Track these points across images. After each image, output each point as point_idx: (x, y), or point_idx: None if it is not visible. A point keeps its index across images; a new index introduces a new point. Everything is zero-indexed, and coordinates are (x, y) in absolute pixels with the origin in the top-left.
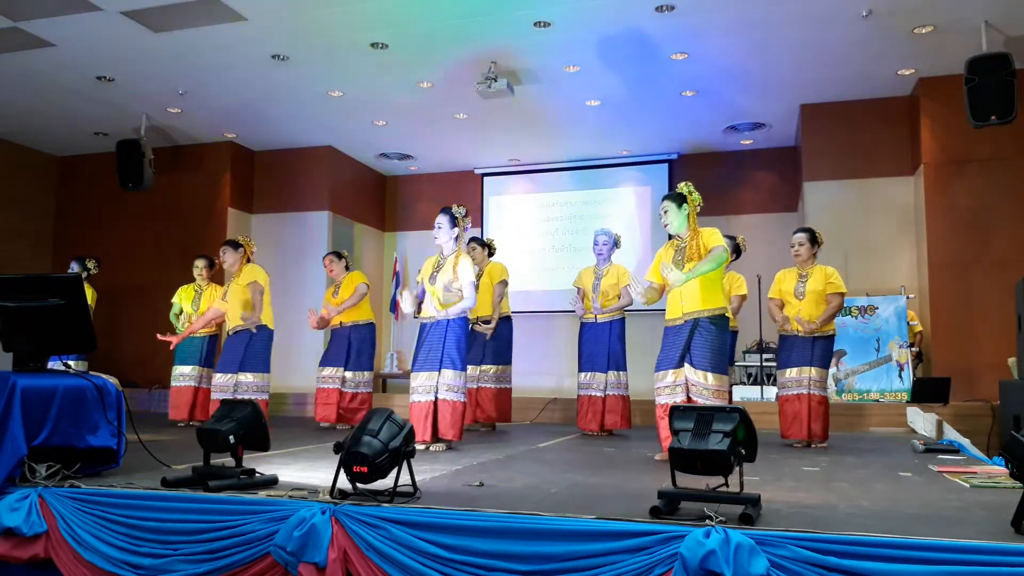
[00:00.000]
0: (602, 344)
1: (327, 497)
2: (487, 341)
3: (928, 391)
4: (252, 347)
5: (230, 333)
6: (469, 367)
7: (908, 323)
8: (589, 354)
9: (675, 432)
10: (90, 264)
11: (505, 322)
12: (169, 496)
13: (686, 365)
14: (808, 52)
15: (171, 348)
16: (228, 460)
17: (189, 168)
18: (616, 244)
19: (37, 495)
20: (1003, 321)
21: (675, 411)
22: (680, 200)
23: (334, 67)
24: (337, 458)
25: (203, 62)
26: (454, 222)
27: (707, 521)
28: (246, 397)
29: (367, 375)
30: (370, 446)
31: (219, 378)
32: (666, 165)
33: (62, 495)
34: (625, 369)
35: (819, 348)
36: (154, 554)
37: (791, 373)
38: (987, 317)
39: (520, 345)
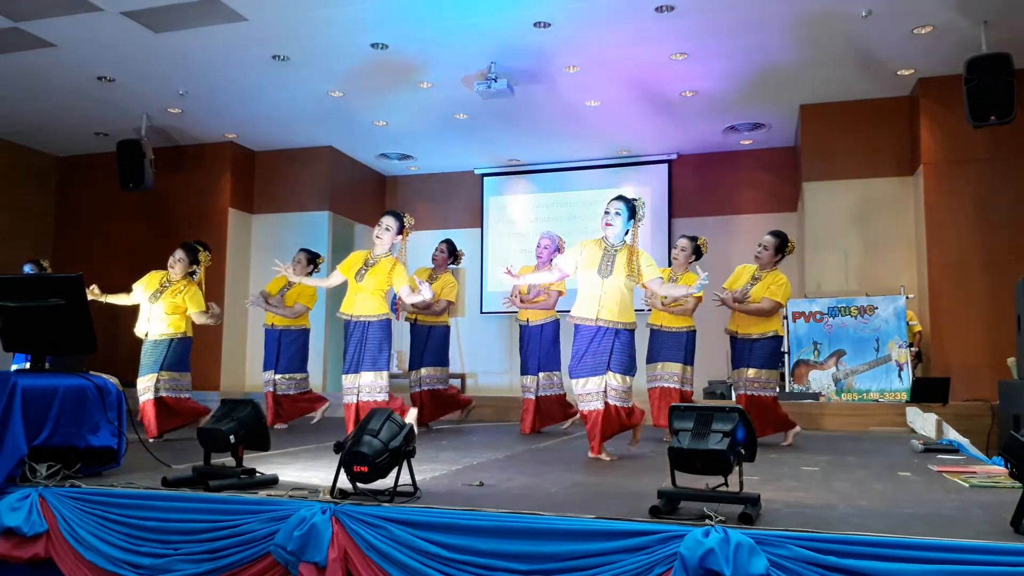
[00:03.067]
0: (534, 347)
1: (327, 497)
2: (425, 346)
3: (928, 391)
4: (175, 350)
5: (149, 338)
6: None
7: (908, 323)
8: (524, 357)
9: (675, 432)
10: (44, 263)
11: (445, 328)
12: (169, 496)
13: (608, 372)
14: (808, 52)
15: None
16: (228, 460)
17: (190, 168)
18: (558, 249)
19: (37, 495)
20: (1003, 321)
21: (675, 411)
22: (632, 211)
23: (334, 67)
24: (337, 458)
25: (203, 62)
26: (401, 230)
27: (707, 521)
28: (171, 395)
29: (298, 376)
30: (370, 446)
31: (142, 381)
32: (666, 165)
33: (62, 495)
34: (558, 369)
35: (757, 349)
36: (155, 554)
37: (735, 374)
38: (987, 317)
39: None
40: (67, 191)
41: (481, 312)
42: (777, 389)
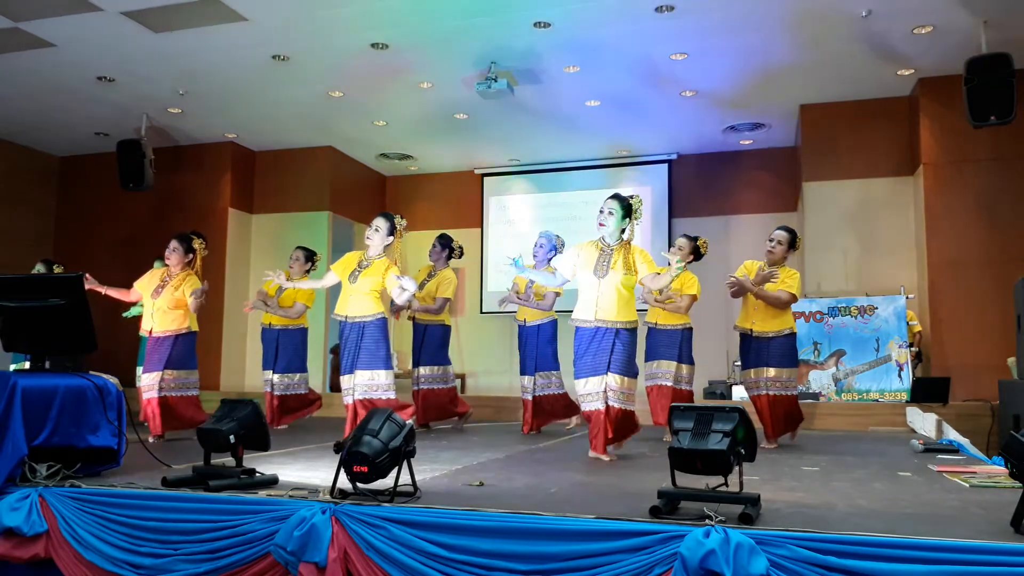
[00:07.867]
0: (531, 347)
1: (327, 497)
2: (422, 345)
3: (928, 391)
4: (180, 347)
5: (153, 335)
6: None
7: (908, 323)
8: (522, 358)
9: (675, 432)
10: (56, 269)
11: (443, 328)
12: (169, 496)
13: (608, 373)
14: (808, 52)
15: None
16: (228, 460)
17: (189, 168)
18: (555, 248)
19: (37, 495)
20: (1003, 321)
21: (675, 410)
22: (628, 210)
23: (334, 67)
24: (337, 458)
25: (203, 62)
26: (392, 231)
27: (707, 521)
28: (176, 395)
29: (297, 377)
30: (370, 446)
31: (147, 378)
32: (666, 165)
33: (62, 495)
34: (556, 369)
35: (776, 347)
36: (155, 554)
37: (750, 374)
38: (987, 317)
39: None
40: (67, 191)
41: (481, 312)
42: (799, 388)
